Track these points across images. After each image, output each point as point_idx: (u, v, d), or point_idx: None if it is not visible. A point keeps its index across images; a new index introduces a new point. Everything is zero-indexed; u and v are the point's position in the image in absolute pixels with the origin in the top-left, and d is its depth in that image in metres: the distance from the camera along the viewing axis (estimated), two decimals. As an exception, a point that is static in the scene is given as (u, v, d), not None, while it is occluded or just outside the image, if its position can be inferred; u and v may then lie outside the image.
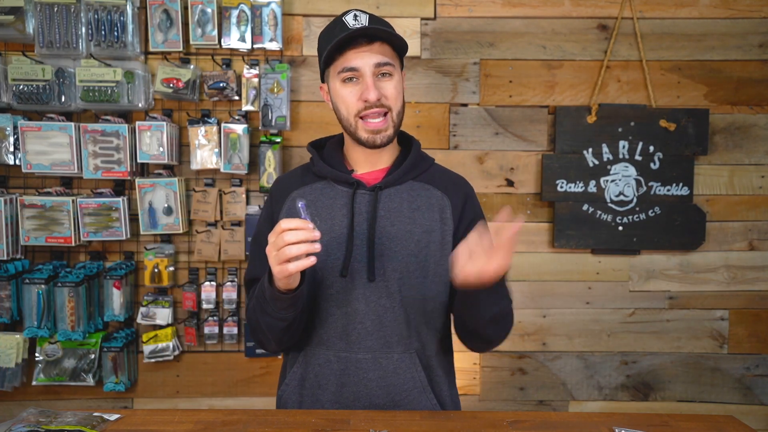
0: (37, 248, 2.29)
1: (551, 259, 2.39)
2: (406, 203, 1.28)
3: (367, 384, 1.24)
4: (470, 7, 2.34)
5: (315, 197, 1.30)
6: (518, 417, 1.20)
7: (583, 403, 2.43)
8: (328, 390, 1.26)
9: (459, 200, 1.33)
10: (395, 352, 1.25)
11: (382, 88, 1.23)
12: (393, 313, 1.24)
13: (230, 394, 2.37)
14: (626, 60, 2.36)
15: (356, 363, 1.24)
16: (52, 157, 2.16)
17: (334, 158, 1.33)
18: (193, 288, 2.27)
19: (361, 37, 1.22)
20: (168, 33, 2.21)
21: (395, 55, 1.27)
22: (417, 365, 1.26)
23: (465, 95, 2.36)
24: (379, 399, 1.25)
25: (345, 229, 1.25)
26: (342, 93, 1.25)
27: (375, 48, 1.23)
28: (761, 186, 2.40)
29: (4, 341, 2.20)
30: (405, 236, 1.26)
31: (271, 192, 1.38)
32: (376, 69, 1.23)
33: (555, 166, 2.33)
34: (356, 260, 1.24)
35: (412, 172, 1.32)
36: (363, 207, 1.27)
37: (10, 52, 2.23)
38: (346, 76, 1.23)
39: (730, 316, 2.42)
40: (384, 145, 1.26)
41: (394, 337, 1.25)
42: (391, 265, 1.24)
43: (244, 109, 2.24)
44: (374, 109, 1.23)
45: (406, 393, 1.25)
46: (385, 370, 1.25)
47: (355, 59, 1.22)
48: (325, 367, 1.26)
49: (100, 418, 1.14)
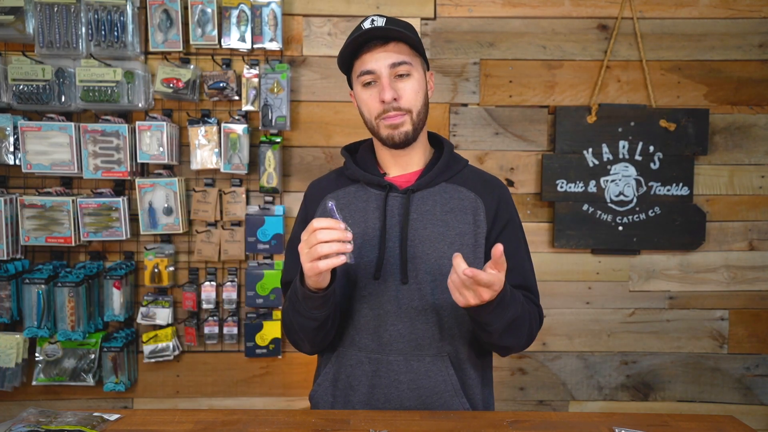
0: (37, 248, 2.29)
1: (551, 259, 2.39)
2: (438, 206, 1.28)
3: (398, 386, 1.25)
4: (470, 7, 2.34)
5: (348, 200, 1.31)
6: (518, 417, 1.20)
7: (583, 403, 2.43)
8: (360, 391, 1.26)
9: (493, 202, 1.32)
10: (427, 354, 1.25)
11: (399, 89, 1.23)
12: (425, 315, 1.24)
13: (230, 394, 2.37)
14: (626, 60, 2.36)
15: (388, 365, 1.25)
16: (52, 157, 2.16)
17: (366, 162, 1.34)
18: (193, 288, 2.27)
19: (375, 39, 1.22)
20: (168, 33, 2.21)
21: (414, 54, 1.26)
22: (449, 368, 1.26)
23: (465, 95, 2.36)
24: (410, 401, 1.25)
25: (378, 231, 1.26)
26: (363, 97, 1.26)
27: (390, 48, 1.23)
28: (761, 186, 2.40)
29: (4, 341, 2.20)
30: (437, 239, 1.25)
31: (305, 196, 1.40)
32: (392, 70, 1.23)
33: (555, 166, 2.33)
34: (389, 263, 1.24)
35: (444, 174, 1.31)
36: (395, 210, 1.27)
37: (10, 52, 2.23)
38: (364, 80, 1.24)
39: (730, 316, 2.42)
40: (403, 142, 1.26)
41: (426, 339, 1.25)
42: (423, 267, 1.24)
43: (244, 109, 2.24)
44: (393, 112, 1.23)
45: (438, 396, 1.25)
46: (416, 373, 1.25)
47: (371, 62, 1.23)
48: (356, 368, 1.26)
49: (100, 418, 1.14)
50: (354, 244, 1.16)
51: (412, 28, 1.27)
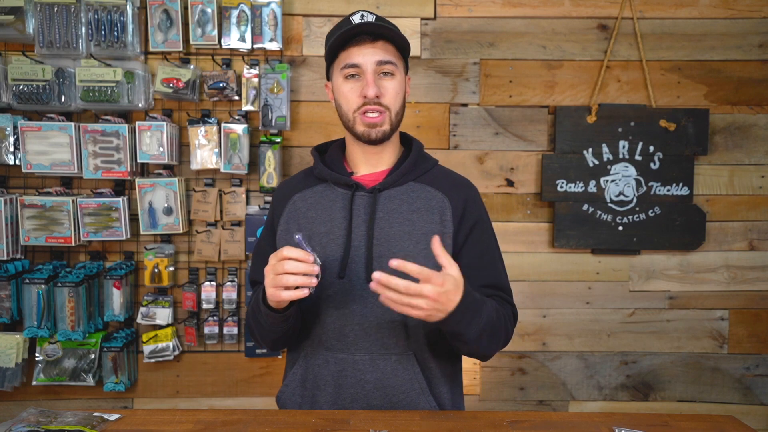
0: (37, 248, 2.29)
1: (551, 259, 2.39)
2: (405, 205, 1.28)
3: (365, 386, 1.24)
4: (470, 7, 2.34)
5: (315, 199, 1.31)
6: (518, 417, 1.20)
7: (583, 403, 2.43)
8: (326, 391, 1.26)
9: (460, 202, 1.31)
10: (393, 353, 1.25)
11: (382, 87, 1.24)
12: (391, 314, 1.23)
13: (230, 394, 2.37)
14: (626, 60, 2.36)
15: (353, 364, 1.25)
16: (52, 157, 2.16)
17: (334, 161, 1.35)
18: (193, 288, 2.27)
19: (365, 35, 1.23)
20: (168, 33, 2.21)
21: (399, 57, 1.28)
22: (415, 367, 1.26)
23: (465, 95, 2.36)
24: (376, 401, 1.24)
25: (343, 230, 1.26)
26: (343, 89, 1.26)
27: (378, 46, 1.24)
28: (761, 186, 2.40)
29: (4, 341, 2.20)
30: (403, 237, 1.25)
31: (273, 196, 1.40)
32: (378, 67, 1.23)
33: (555, 166, 2.33)
34: (354, 262, 1.24)
35: (412, 173, 1.31)
36: (362, 209, 1.27)
37: (10, 52, 2.23)
38: (348, 72, 1.25)
39: (730, 316, 2.42)
40: (379, 140, 1.26)
41: (392, 338, 1.25)
42: (389, 266, 1.24)
43: (244, 109, 2.24)
44: (373, 107, 1.23)
45: (404, 395, 1.25)
46: (382, 372, 1.24)
47: (358, 56, 1.23)
48: (323, 367, 1.27)
49: (100, 418, 1.14)
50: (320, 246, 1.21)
51: (401, 33, 1.27)
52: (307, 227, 1.29)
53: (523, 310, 2.40)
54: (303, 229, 1.29)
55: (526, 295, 2.39)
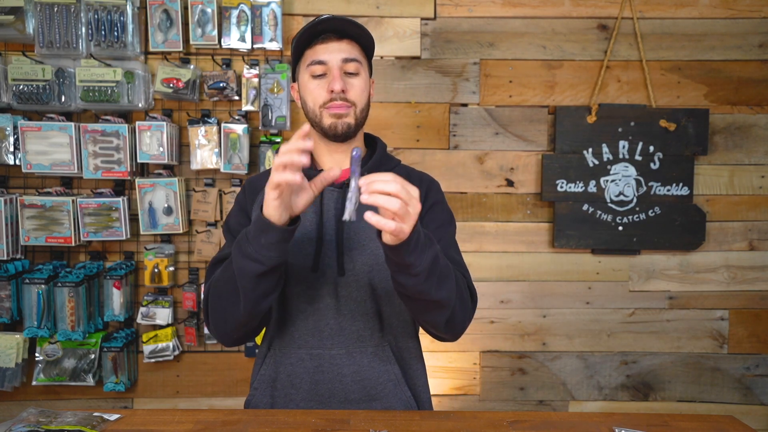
0: (37, 248, 2.29)
1: (551, 259, 2.39)
2: None
3: (342, 380, 1.25)
4: (470, 7, 2.34)
5: None
6: (518, 417, 1.20)
7: (583, 403, 2.43)
8: (302, 389, 1.26)
9: (421, 192, 1.26)
10: (369, 345, 1.26)
11: (348, 83, 1.26)
12: (365, 306, 1.25)
13: (230, 394, 2.37)
14: (626, 60, 2.36)
15: (330, 359, 1.25)
16: (52, 157, 2.16)
17: None
18: (193, 288, 2.27)
19: (331, 32, 1.25)
20: (168, 33, 2.21)
21: (364, 57, 1.30)
22: (391, 358, 1.27)
23: (465, 95, 2.36)
24: (354, 394, 1.25)
25: (314, 225, 1.27)
26: (309, 86, 1.27)
27: (344, 44, 1.26)
28: (761, 186, 2.40)
29: (4, 341, 2.20)
30: (372, 230, 1.25)
31: (244, 188, 1.37)
32: (344, 64, 1.25)
33: (555, 166, 2.33)
34: (326, 255, 1.25)
35: (376, 170, 1.31)
36: (332, 204, 1.28)
37: (10, 52, 2.23)
38: (314, 71, 1.26)
39: (730, 316, 2.42)
40: (344, 133, 1.27)
41: (367, 331, 1.26)
42: (360, 258, 1.25)
43: (244, 109, 2.24)
44: (339, 102, 1.25)
45: (381, 387, 1.26)
46: (359, 365, 1.25)
47: (324, 53, 1.25)
48: (297, 366, 1.26)
49: (100, 418, 1.14)
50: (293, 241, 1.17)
51: (368, 32, 1.29)
52: None
53: (523, 310, 2.40)
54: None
55: (526, 295, 2.39)
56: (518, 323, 2.41)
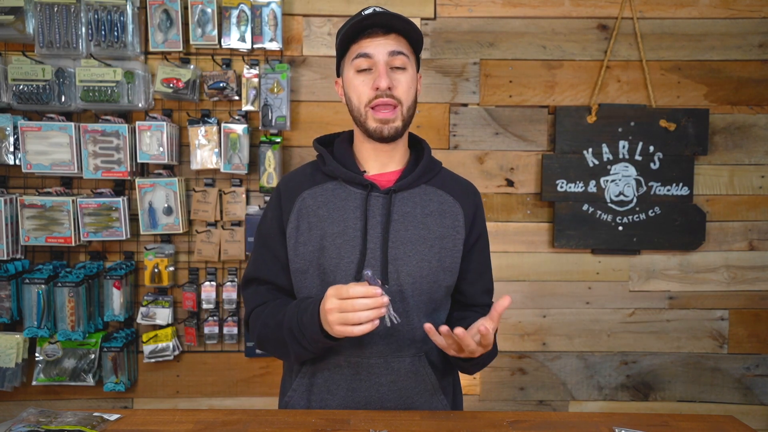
0: (37, 248, 2.29)
1: (551, 259, 2.39)
2: (419, 207, 1.27)
3: (379, 388, 1.25)
4: (470, 7, 2.34)
5: (326, 198, 1.27)
6: (518, 417, 1.20)
7: (583, 403, 2.43)
8: (338, 395, 1.26)
9: (471, 209, 1.33)
10: (407, 355, 1.25)
11: (395, 80, 1.22)
12: (406, 316, 1.24)
13: (230, 394, 2.37)
14: (626, 60, 2.36)
15: (368, 368, 1.24)
16: (52, 157, 2.16)
17: (345, 158, 1.30)
18: (193, 288, 2.27)
19: (377, 27, 1.21)
20: (168, 33, 2.21)
21: (411, 51, 1.26)
22: (427, 368, 1.27)
23: (465, 95, 2.36)
24: (390, 402, 1.25)
25: (359, 232, 1.24)
26: (355, 82, 1.24)
27: (391, 38, 1.22)
28: (761, 186, 2.40)
29: (4, 341, 2.20)
30: (418, 241, 1.25)
31: (279, 191, 1.32)
32: (390, 58, 1.21)
33: (555, 166, 2.33)
34: (369, 264, 1.23)
35: (425, 176, 1.31)
36: (377, 210, 1.25)
37: (10, 52, 2.23)
38: (359, 64, 1.22)
39: (730, 316, 2.42)
40: (391, 137, 1.24)
41: (405, 340, 1.25)
42: (405, 269, 1.23)
43: (244, 109, 2.24)
44: (385, 99, 1.21)
45: (418, 396, 1.26)
46: (396, 374, 1.25)
47: (370, 46, 1.21)
48: (335, 372, 1.26)
49: (100, 418, 1.14)
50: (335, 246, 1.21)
51: (415, 26, 1.25)
52: (318, 226, 1.25)
53: (523, 310, 2.40)
54: (314, 227, 1.25)
55: (526, 295, 2.39)
56: (518, 323, 2.41)
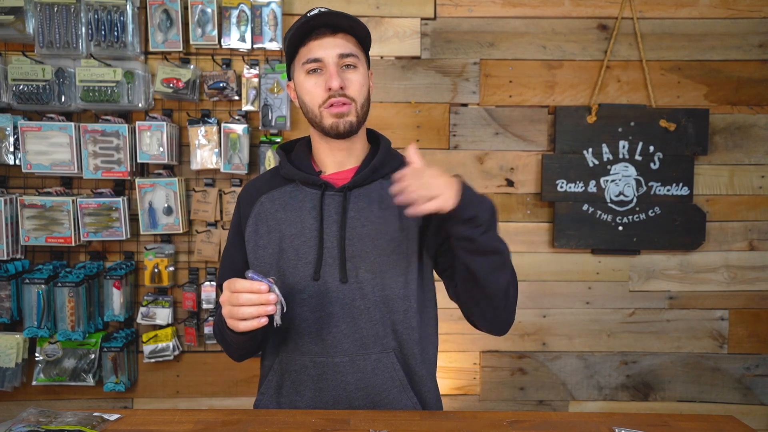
0: (37, 248, 2.29)
1: (551, 259, 2.39)
2: (376, 203, 1.26)
3: (346, 387, 1.23)
4: (470, 7, 2.34)
5: (284, 200, 1.28)
6: (518, 417, 1.20)
7: (583, 403, 2.43)
8: (306, 396, 1.25)
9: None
10: (372, 352, 1.23)
11: (346, 79, 1.22)
12: (368, 314, 1.23)
13: (230, 394, 2.37)
14: (626, 60, 2.36)
15: (333, 367, 1.23)
16: (52, 157, 2.16)
17: (302, 160, 1.31)
18: (193, 288, 2.27)
19: (324, 27, 1.21)
20: (168, 33, 2.21)
21: (360, 50, 1.26)
22: (395, 364, 1.25)
23: (465, 95, 2.36)
24: (358, 401, 1.24)
25: (315, 232, 1.24)
26: (306, 85, 1.24)
27: (339, 38, 1.22)
28: (761, 186, 2.40)
29: (4, 341, 2.20)
30: (377, 236, 1.24)
31: (239, 198, 1.35)
32: (340, 60, 1.21)
33: (555, 166, 2.33)
34: (327, 263, 1.23)
35: (380, 171, 1.29)
36: (333, 208, 1.25)
37: (10, 52, 2.23)
38: (309, 68, 1.22)
39: (730, 316, 2.42)
40: (347, 132, 1.24)
41: (370, 338, 1.23)
42: (363, 265, 1.23)
43: (244, 109, 2.24)
44: (338, 99, 1.21)
45: (386, 393, 1.24)
46: (363, 372, 1.23)
47: (318, 50, 1.21)
48: (301, 373, 1.25)
49: (100, 418, 1.14)
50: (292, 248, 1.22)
51: (362, 23, 1.25)
52: (276, 228, 1.26)
53: (523, 310, 2.40)
54: (273, 230, 1.26)
55: (526, 295, 2.39)
56: (518, 323, 2.40)
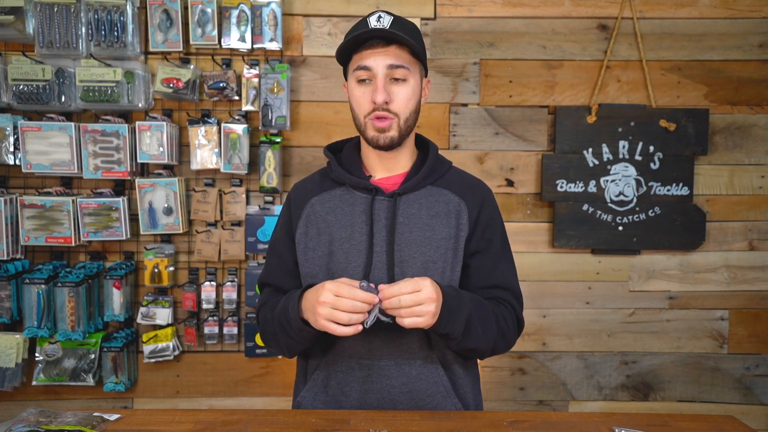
0: (37, 248, 2.29)
1: (551, 259, 2.39)
2: (424, 209, 1.28)
3: (391, 390, 1.25)
4: (470, 7, 2.34)
5: (334, 204, 1.31)
6: (518, 417, 1.20)
7: (583, 403, 2.43)
8: (352, 396, 1.27)
9: (476, 205, 1.32)
10: (417, 358, 1.26)
11: (392, 92, 1.23)
12: None
13: (230, 394, 2.37)
14: (626, 60, 2.36)
15: (379, 370, 1.25)
16: (52, 157, 2.16)
17: (352, 164, 1.34)
18: (193, 288, 2.27)
19: (378, 38, 1.22)
20: (168, 33, 2.21)
21: (414, 61, 1.26)
22: (439, 370, 1.27)
23: (465, 95, 2.36)
24: (402, 404, 1.25)
25: (365, 236, 1.26)
26: (355, 93, 1.26)
27: (391, 50, 1.22)
28: (761, 186, 2.40)
29: (4, 341, 2.20)
30: (424, 242, 1.26)
31: (289, 198, 1.38)
32: (389, 71, 1.22)
33: (555, 166, 2.33)
34: (376, 267, 1.24)
35: (429, 177, 1.32)
36: (382, 213, 1.27)
37: (10, 52, 2.23)
38: (359, 75, 1.24)
39: (730, 316, 2.42)
40: (387, 147, 1.26)
41: (415, 343, 1.25)
42: (411, 271, 1.24)
43: (244, 109, 2.24)
44: (381, 113, 1.23)
45: (431, 398, 1.26)
46: (408, 376, 1.25)
47: (369, 59, 1.22)
48: (348, 374, 1.27)
49: (100, 418, 1.14)
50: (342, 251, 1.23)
51: (417, 32, 1.26)
52: (326, 231, 1.28)
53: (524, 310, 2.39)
54: (323, 233, 1.28)
55: (526, 295, 2.38)
56: (518, 323, 2.40)
